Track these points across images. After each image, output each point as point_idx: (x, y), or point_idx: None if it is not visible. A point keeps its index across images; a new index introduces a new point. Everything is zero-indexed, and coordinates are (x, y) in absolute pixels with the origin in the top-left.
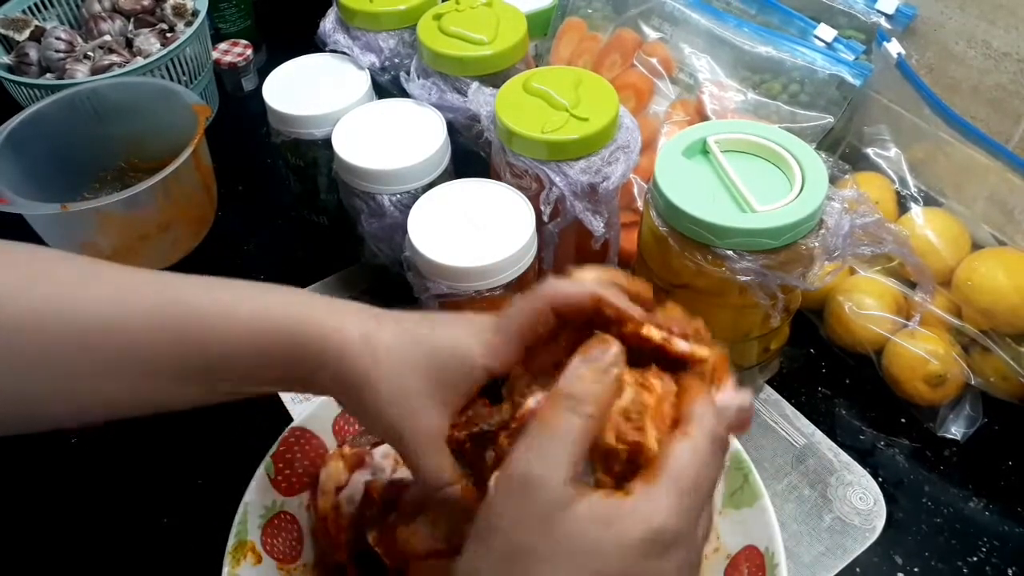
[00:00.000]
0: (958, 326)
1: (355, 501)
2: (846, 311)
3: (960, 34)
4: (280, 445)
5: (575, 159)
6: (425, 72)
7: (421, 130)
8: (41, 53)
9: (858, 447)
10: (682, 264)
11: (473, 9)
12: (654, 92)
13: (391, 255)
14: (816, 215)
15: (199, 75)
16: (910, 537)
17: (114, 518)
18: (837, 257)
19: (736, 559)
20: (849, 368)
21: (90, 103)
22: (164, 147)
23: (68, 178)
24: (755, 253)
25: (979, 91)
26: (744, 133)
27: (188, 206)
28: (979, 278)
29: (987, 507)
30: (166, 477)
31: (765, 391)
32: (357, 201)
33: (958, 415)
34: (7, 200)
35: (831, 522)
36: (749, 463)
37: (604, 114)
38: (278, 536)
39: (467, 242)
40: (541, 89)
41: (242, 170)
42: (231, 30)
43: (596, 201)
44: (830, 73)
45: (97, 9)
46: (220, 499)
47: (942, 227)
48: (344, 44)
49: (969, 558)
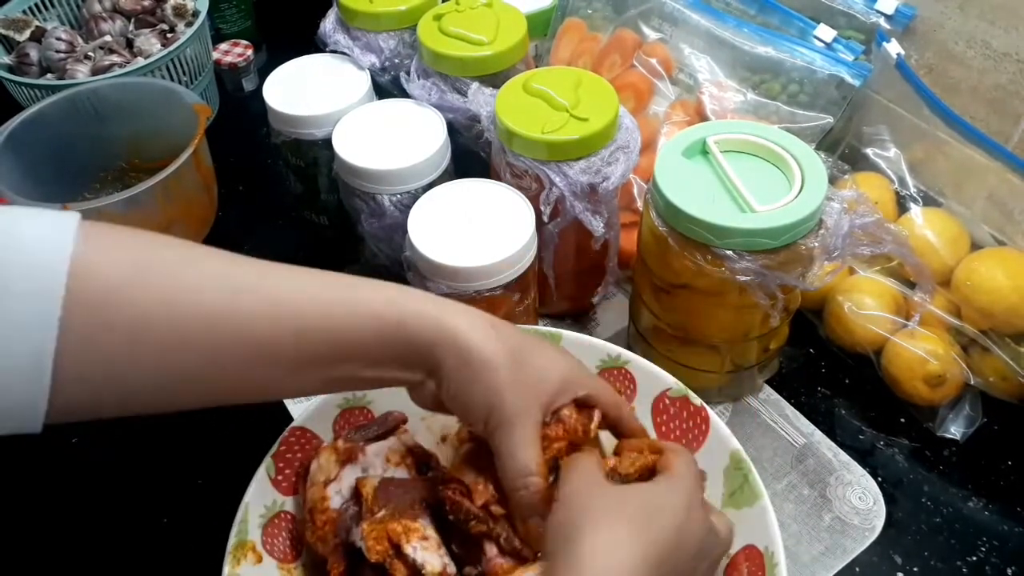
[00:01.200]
0: (957, 326)
1: (343, 495)
2: (845, 311)
3: (959, 34)
4: (280, 445)
5: (575, 159)
6: (425, 72)
7: (421, 130)
8: (42, 53)
9: (857, 447)
10: (682, 264)
11: (473, 9)
12: (654, 92)
13: (391, 255)
14: (815, 215)
15: (199, 75)
16: (909, 537)
17: (114, 518)
18: (836, 257)
19: (736, 559)
20: (848, 368)
21: (91, 103)
22: (164, 147)
23: (69, 178)
24: (755, 253)
25: (978, 91)
26: (744, 133)
27: (188, 206)
28: (978, 278)
29: (986, 507)
30: (166, 477)
31: (764, 391)
32: (357, 201)
33: (957, 415)
34: (7, 200)
35: (831, 522)
36: (749, 463)
37: (604, 114)
38: (278, 536)
39: (467, 242)
40: (541, 89)
41: (242, 170)
42: (231, 30)
43: (596, 201)
44: (829, 73)
45: (98, 9)
46: (220, 499)
47: (941, 227)
48: (344, 44)
49: (968, 558)
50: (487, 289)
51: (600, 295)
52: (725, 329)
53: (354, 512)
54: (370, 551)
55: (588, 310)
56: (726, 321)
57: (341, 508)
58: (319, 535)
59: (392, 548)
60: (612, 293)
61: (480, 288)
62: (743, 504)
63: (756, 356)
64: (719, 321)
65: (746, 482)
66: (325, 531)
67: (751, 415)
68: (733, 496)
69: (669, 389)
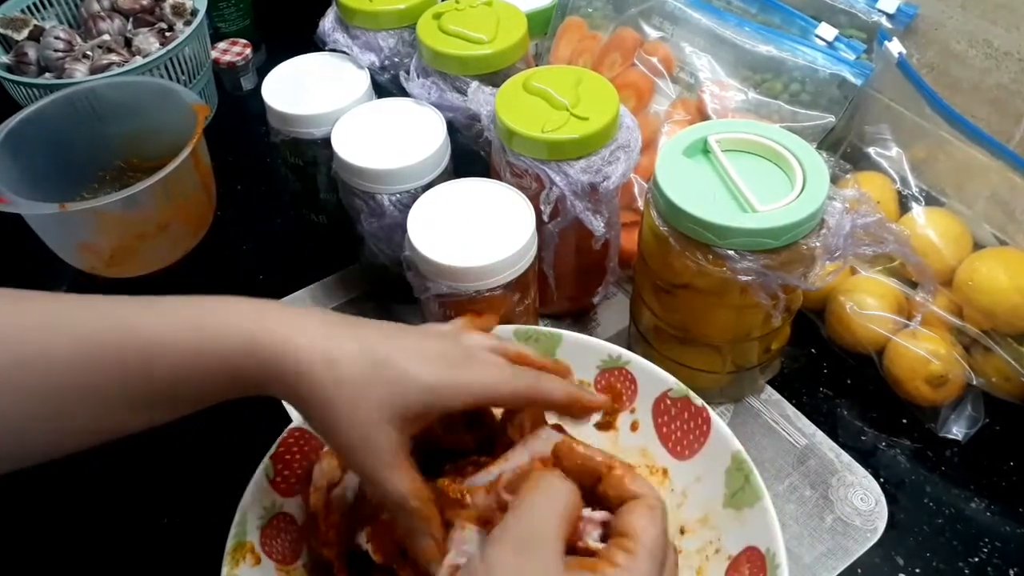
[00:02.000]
0: (959, 326)
1: (347, 499)
2: (847, 311)
3: (961, 33)
4: (279, 446)
5: (575, 159)
6: (425, 71)
7: (421, 130)
8: (40, 52)
9: (859, 448)
10: (683, 264)
11: (473, 8)
12: (654, 91)
13: (391, 255)
14: (817, 215)
15: (198, 74)
16: (911, 538)
17: (114, 518)
18: (838, 257)
19: (737, 560)
20: (850, 368)
21: (89, 102)
22: (163, 147)
23: (67, 178)
24: (756, 253)
25: (980, 90)
26: (745, 132)
27: (187, 206)
28: (980, 278)
29: (989, 508)
30: (166, 477)
31: (766, 391)
32: (357, 201)
33: (959, 415)
34: (6, 200)
35: (832, 523)
36: (750, 464)
37: (604, 113)
38: (277, 537)
39: (467, 242)
40: (541, 88)
41: (241, 170)
42: (230, 29)
43: (596, 201)
44: (831, 72)
45: (96, 8)
46: (220, 499)
47: (943, 227)
48: (344, 43)
49: (971, 559)
50: (487, 289)
51: (600, 295)
52: (726, 329)
53: (359, 516)
54: (376, 554)
55: (588, 310)
56: (727, 321)
57: (346, 512)
58: (324, 540)
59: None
60: (612, 293)
61: (480, 288)
62: (744, 505)
63: (757, 356)
64: (720, 321)
65: (747, 483)
66: (330, 536)
67: (752, 416)
68: (734, 497)
69: (670, 390)
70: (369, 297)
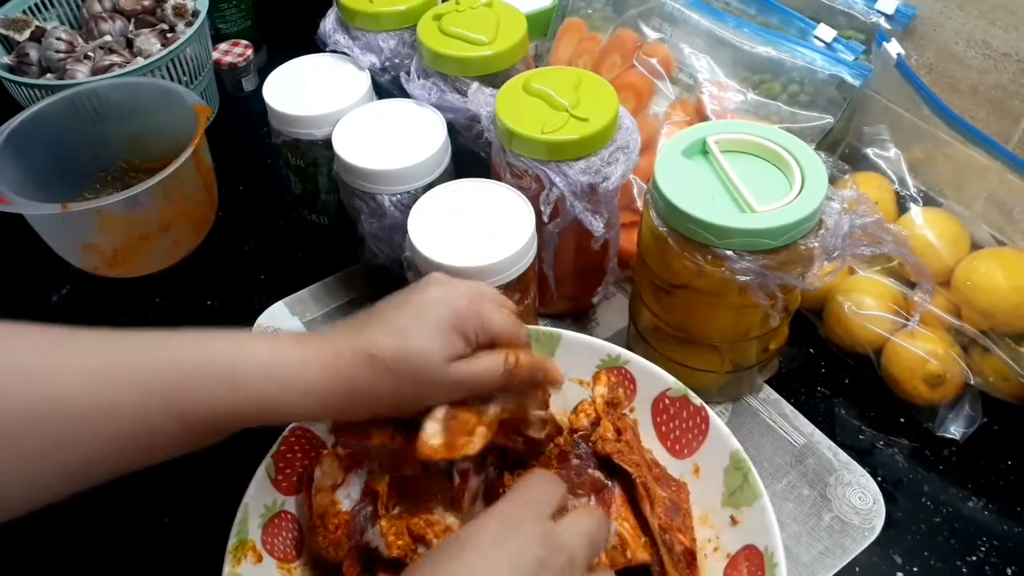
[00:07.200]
0: (957, 326)
1: (353, 498)
2: (845, 311)
3: (960, 34)
4: (281, 445)
5: (575, 159)
6: (425, 72)
7: (421, 130)
8: (41, 53)
9: (857, 447)
10: (682, 264)
11: (473, 9)
12: (654, 92)
13: (391, 255)
14: (815, 215)
15: (199, 75)
16: (909, 537)
17: (114, 518)
18: (836, 257)
19: (735, 559)
20: (848, 368)
21: (90, 103)
22: (165, 147)
23: (68, 178)
24: (754, 253)
25: (978, 91)
26: (744, 133)
27: (188, 206)
28: (978, 278)
29: (986, 507)
30: (166, 477)
31: (764, 391)
32: (357, 201)
33: (957, 415)
34: (7, 200)
35: (830, 522)
36: (748, 463)
37: (604, 114)
38: (278, 535)
39: (467, 242)
40: (541, 89)
41: (242, 170)
42: (231, 30)
43: (596, 201)
44: (830, 73)
45: (97, 9)
46: (220, 499)
47: (941, 227)
48: (344, 44)
49: (968, 557)
50: None
51: (600, 295)
52: (725, 329)
53: (368, 512)
54: (391, 547)
55: (588, 310)
56: (726, 321)
57: (353, 511)
58: (332, 539)
59: (415, 542)
60: (612, 293)
61: None
62: (743, 504)
63: (756, 356)
64: (719, 321)
65: (746, 482)
66: (338, 535)
67: (751, 415)
68: (733, 496)
69: (669, 389)
70: (369, 297)
